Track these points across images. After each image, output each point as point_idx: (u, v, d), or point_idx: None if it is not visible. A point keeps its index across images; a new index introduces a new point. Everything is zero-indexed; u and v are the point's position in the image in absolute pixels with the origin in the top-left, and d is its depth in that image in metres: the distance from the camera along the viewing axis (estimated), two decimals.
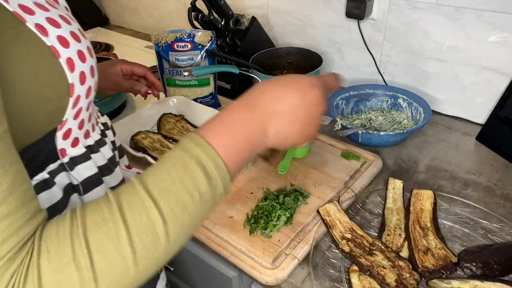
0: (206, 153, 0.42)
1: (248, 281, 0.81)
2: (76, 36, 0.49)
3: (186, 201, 0.40)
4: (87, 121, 0.56)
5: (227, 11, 1.16)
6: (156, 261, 0.40)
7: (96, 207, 0.38)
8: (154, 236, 0.38)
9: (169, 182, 0.40)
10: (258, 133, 0.46)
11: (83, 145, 0.56)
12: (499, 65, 0.97)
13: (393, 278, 0.65)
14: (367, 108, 1.13)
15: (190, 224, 0.41)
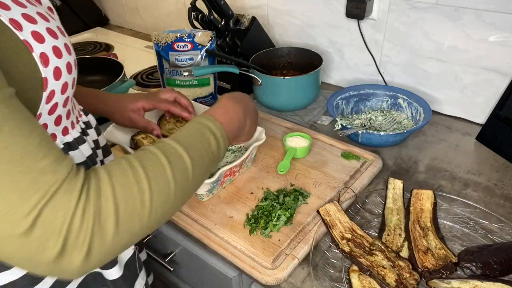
0: (216, 126, 0.58)
1: (248, 281, 0.81)
2: (53, 32, 0.51)
3: (204, 154, 0.55)
4: (65, 117, 0.57)
5: (227, 11, 1.16)
6: (186, 194, 0.52)
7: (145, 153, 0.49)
8: (186, 175, 0.51)
9: (192, 140, 0.54)
10: (243, 121, 0.67)
11: (61, 142, 0.57)
12: (499, 65, 0.97)
13: (393, 278, 0.65)
14: (367, 108, 1.13)
15: (204, 173, 0.55)
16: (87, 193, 0.41)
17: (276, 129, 1.06)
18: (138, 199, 0.45)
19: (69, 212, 0.39)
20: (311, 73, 1.10)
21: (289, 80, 1.09)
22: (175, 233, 0.90)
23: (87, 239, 0.40)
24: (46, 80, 0.49)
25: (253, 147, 0.87)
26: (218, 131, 0.58)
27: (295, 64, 1.25)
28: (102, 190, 0.43)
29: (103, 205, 0.42)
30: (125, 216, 0.43)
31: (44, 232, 0.38)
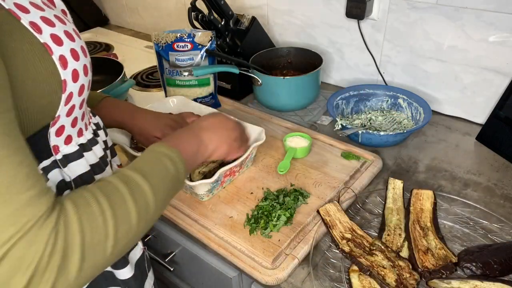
0: (170, 150, 0.58)
1: (248, 281, 0.81)
2: (70, 35, 0.51)
3: (164, 180, 0.55)
4: (80, 119, 0.58)
5: (227, 11, 1.16)
6: (150, 222, 0.52)
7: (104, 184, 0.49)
8: (147, 202, 0.51)
9: (148, 168, 0.54)
10: (196, 138, 0.66)
11: (76, 143, 0.58)
12: (499, 65, 0.97)
13: (393, 278, 0.65)
14: (367, 108, 1.13)
15: (166, 198, 0.56)
16: (57, 230, 0.41)
17: (276, 129, 1.06)
18: (103, 232, 0.44)
19: (40, 250, 0.39)
20: (311, 73, 1.10)
21: (289, 80, 1.09)
22: (175, 233, 0.90)
23: (52, 277, 0.40)
24: (65, 82, 0.50)
25: (253, 147, 0.87)
26: (173, 154, 0.57)
27: (295, 64, 1.25)
28: (70, 225, 0.42)
29: (70, 242, 0.41)
30: (90, 251, 0.43)
31: (11, 267, 0.38)
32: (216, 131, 0.70)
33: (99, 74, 1.28)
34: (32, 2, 0.48)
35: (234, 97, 1.24)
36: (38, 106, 0.48)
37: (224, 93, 1.25)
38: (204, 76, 1.12)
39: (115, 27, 2.00)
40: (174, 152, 0.58)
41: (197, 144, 0.65)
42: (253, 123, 1.00)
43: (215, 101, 1.18)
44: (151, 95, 1.32)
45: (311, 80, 1.12)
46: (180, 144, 0.62)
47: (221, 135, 0.70)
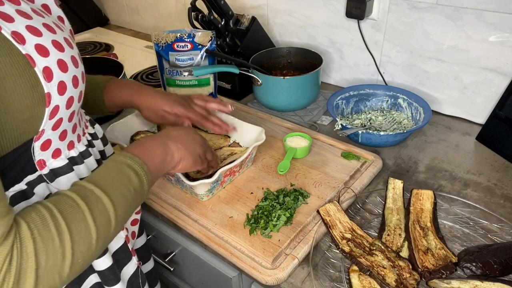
0: (135, 161, 0.55)
1: (248, 281, 0.81)
2: (59, 45, 0.49)
3: (126, 193, 0.52)
4: (71, 132, 0.56)
5: (227, 11, 1.16)
6: (109, 239, 0.50)
7: (62, 199, 0.46)
8: (108, 218, 0.49)
9: (111, 181, 0.51)
10: (163, 147, 0.64)
11: (66, 157, 0.55)
12: (499, 65, 0.97)
13: (393, 278, 0.65)
14: (367, 108, 1.13)
15: (128, 211, 0.53)
16: (12, 254, 0.39)
17: (276, 129, 1.06)
18: (59, 252, 0.43)
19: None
20: (311, 73, 1.10)
21: (289, 80, 1.09)
22: (175, 233, 0.90)
23: None
24: (49, 95, 0.47)
25: (253, 147, 0.87)
26: (137, 166, 0.55)
27: (294, 64, 1.25)
28: (25, 249, 0.40)
29: (24, 266, 0.40)
30: (45, 274, 0.41)
31: None
32: (184, 142, 0.68)
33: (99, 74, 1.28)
34: (19, 10, 0.46)
35: (234, 97, 1.24)
36: (18, 121, 0.46)
37: (224, 93, 1.25)
38: (204, 76, 1.12)
39: (115, 27, 2.00)
40: (139, 163, 0.55)
41: (164, 153, 0.63)
42: (253, 123, 1.00)
43: None
44: None
45: (311, 80, 1.12)
46: (145, 152, 0.59)
47: (188, 147, 0.68)
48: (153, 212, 0.88)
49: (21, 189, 0.50)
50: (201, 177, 0.84)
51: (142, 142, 0.62)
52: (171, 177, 0.87)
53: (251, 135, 0.95)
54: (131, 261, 0.69)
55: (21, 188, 0.50)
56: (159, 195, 0.87)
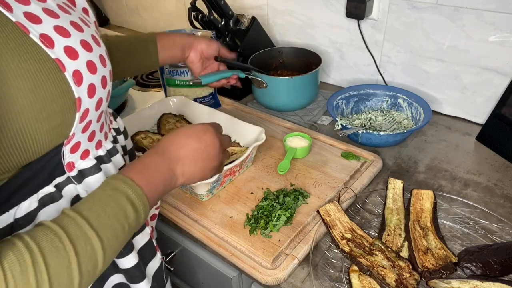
0: (135, 193, 0.48)
1: (248, 281, 0.81)
2: (88, 44, 0.47)
3: (119, 232, 0.46)
4: (99, 131, 0.54)
5: (227, 11, 1.16)
6: (91, 282, 0.45)
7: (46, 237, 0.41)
8: (95, 263, 0.43)
9: (105, 217, 0.45)
10: (169, 174, 0.56)
11: (94, 156, 0.54)
12: (499, 65, 0.97)
13: (393, 278, 0.65)
14: (367, 108, 1.13)
15: (118, 249, 0.48)
16: None
17: (276, 129, 1.06)
18: None
19: None
20: (313, 71, 1.10)
21: (293, 80, 1.09)
22: (175, 233, 0.90)
23: None
24: (80, 100, 0.45)
25: (253, 147, 0.87)
26: (137, 199, 0.48)
27: (287, 64, 1.25)
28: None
29: None
30: None
31: None
32: (193, 163, 0.59)
33: None
34: (46, 8, 0.43)
35: (234, 97, 1.24)
36: (49, 127, 0.44)
37: (224, 93, 1.25)
38: None
39: (115, 27, 2.00)
40: (140, 196, 0.49)
41: (168, 181, 0.56)
42: (253, 123, 1.00)
43: (215, 101, 1.18)
44: (151, 95, 1.32)
45: (312, 80, 1.12)
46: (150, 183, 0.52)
47: (196, 168, 0.60)
48: None
49: (49, 192, 0.49)
50: None
51: (147, 165, 0.54)
52: None
53: (251, 135, 0.95)
54: (156, 256, 0.67)
55: (50, 190, 0.49)
56: None
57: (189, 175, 0.59)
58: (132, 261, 0.60)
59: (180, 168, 0.58)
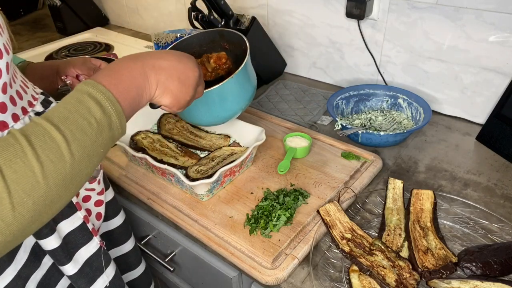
0: (97, 89, 0.49)
1: (248, 281, 0.81)
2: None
3: (85, 126, 0.46)
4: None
5: (227, 11, 1.16)
6: (65, 177, 0.44)
7: (3, 138, 0.42)
8: (59, 153, 0.43)
9: (66, 112, 0.46)
10: (141, 78, 0.55)
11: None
12: (499, 65, 0.97)
13: (393, 278, 0.65)
14: (367, 108, 1.13)
15: (92, 147, 0.47)
16: None
17: (276, 129, 1.06)
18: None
19: None
20: (226, 82, 0.79)
21: None
22: (175, 233, 0.90)
23: None
24: None
25: (253, 147, 0.87)
26: (100, 94, 0.48)
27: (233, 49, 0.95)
28: None
29: None
30: None
31: None
32: (169, 78, 0.58)
33: None
34: None
35: None
36: None
37: None
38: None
39: (115, 27, 2.00)
40: (102, 92, 0.49)
41: (142, 85, 0.54)
42: (253, 123, 1.01)
43: None
44: None
45: (231, 87, 0.82)
46: (119, 84, 0.51)
47: (171, 84, 0.58)
48: (153, 212, 0.88)
49: None
50: (201, 177, 0.84)
51: (117, 68, 0.53)
52: (171, 177, 0.87)
53: (251, 135, 0.95)
54: (91, 242, 0.68)
55: None
56: (159, 195, 0.87)
57: (164, 88, 0.58)
58: (53, 243, 0.61)
59: (155, 76, 0.56)
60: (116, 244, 0.85)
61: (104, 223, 0.80)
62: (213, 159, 0.92)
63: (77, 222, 0.66)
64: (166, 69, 0.58)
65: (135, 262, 0.90)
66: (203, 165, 0.89)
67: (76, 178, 0.46)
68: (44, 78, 0.83)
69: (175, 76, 0.59)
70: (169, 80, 0.58)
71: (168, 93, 0.59)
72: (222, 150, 0.95)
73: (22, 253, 0.60)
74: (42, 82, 0.80)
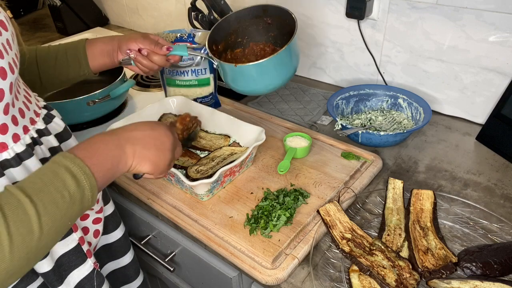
0: (74, 163, 0.49)
1: (248, 281, 0.81)
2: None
3: (58, 199, 0.46)
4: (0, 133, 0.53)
5: (227, 11, 1.16)
6: (30, 250, 0.44)
7: None
8: (29, 227, 0.43)
9: (41, 184, 0.46)
10: (117, 150, 0.56)
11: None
12: (499, 65, 0.97)
13: (393, 278, 0.65)
14: (367, 108, 1.13)
15: (61, 220, 0.47)
16: None
17: (276, 129, 1.06)
18: None
19: None
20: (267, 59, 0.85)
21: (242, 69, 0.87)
22: (175, 233, 0.90)
23: None
24: None
25: (253, 147, 0.87)
26: (76, 168, 0.48)
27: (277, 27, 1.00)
28: None
29: None
30: None
31: None
32: (145, 146, 0.59)
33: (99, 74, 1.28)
34: None
35: (234, 97, 1.24)
36: None
37: (224, 93, 1.25)
38: (204, 76, 1.12)
39: (115, 27, 2.00)
40: (79, 166, 0.49)
41: (117, 158, 0.55)
42: (253, 123, 1.01)
43: (215, 101, 1.18)
44: (151, 95, 1.32)
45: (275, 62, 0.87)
46: (94, 156, 0.52)
47: (149, 152, 0.60)
48: (153, 212, 0.88)
49: None
50: (201, 177, 0.84)
51: (93, 142, 0.54)
52: (171, 177, 0.87)
53: (251, 135, 0.95)
54: (84, 264, 0.67)
55: None
56: (159, 195, 0.87)
57: (141, 157, 0.59)
58: (45, 267, 0.60)
59: (131, 147, 0.57)
60: (115, 257, 0.84)
61: (103, 236, 0.80)
62: (213, 159, 0.92)
63: (72, 244, 0.64)
64: (141, 139, 0.59)
65: (133, 274, 0.89)
66: (203, 165, 0.89)
67: (41, 251, 0.46)
68: (104, 53, 0.87)
69: (151, 144, 0.61)
70: (145, 149, 0.59)
71: (146, 161, 0.60)
72: (222, 150, 0.95)
73: None
74: (102, 57, 0.86)
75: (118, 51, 0.88)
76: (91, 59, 0.85)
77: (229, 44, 1.04)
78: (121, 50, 0.87)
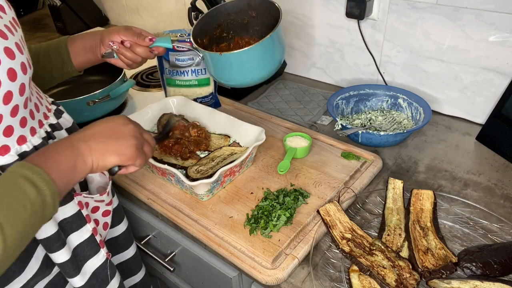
0: (32, 170, 0.48)
1: (248, 281, 0.81)
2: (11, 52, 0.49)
3: (19, 210, 0.45)
4: (19, 126, 0.54)
5: None
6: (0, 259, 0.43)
7: None
8: None
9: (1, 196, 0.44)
10: (69, 150, 0.54)
11: (16, 153, 0.54)
12: (499, 65, 0.97)
13: (393, 278, 0.65)
14: (367, 108, 1.13)
15: (24, 230, 0.46)
16: None
17: (276, 129, 1.06)
18: None
19: None
20: (250, 47, 0.82)
21: (227, 57, 0.84)
22: (175, 233, 0.90)
23: None
24: None
25: (253, 147, 0.87)
26: (35, 176, 0.47)
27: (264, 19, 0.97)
28: None
29: None
30: None
31: None
32: (102, 140, 0.58)
33: (99, 74, 1.28)
34: None
35: (234, 97, 1.24)
36: None
37: (224, 93, 1.25)
38: (204, 76, 1.12)
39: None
40: (38, 173, 0.48)
41: (72, 158, 0.54)
42: (253, 123, 1.01)
43: (215, 101, 1.18)
44: (151, 95, 1.32)
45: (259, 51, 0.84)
46: (48, 160, 0.51)
47: (108, 144, 0.58)
48: (153, 212, 0.88)
49: None
50: (201, 177, 0.84)
51: (46, 148, 0.54)
52: (171, 177, 0.87)
53: (251, 135, 0.95)
54: (98, 254, 0.68)
55: None
56: (159, 195, 0.87)
57: (101, 151, 0.57)
58: (64, 256, 0.61)
59: (84, 144, 0.56)
60: (120, 250, 0.85)
61: (109, 230, 0.81)
62: (213, 159, 0.92)
63: (86, 234, 0.66)
64: (94, 134, 0.58)
65: (136, 267, 0.90)
66: (203, 165, 0.89)
67: (5, 264, 0.45)
68: (87, 49, 0.84)
69: (108, 135, 0.59)
70: (102, 142, 0.58)
71: (108, 153, 0.58)
72: (222, 150, 0.95)
73: (34, 262, 0.60)
74: (85, 53, 0.83)
75: (101, 45, 0.84)
76: (74, 56, 0.83)
77: (214, 39, 1.01)
78: (103, 44, 0.84)
